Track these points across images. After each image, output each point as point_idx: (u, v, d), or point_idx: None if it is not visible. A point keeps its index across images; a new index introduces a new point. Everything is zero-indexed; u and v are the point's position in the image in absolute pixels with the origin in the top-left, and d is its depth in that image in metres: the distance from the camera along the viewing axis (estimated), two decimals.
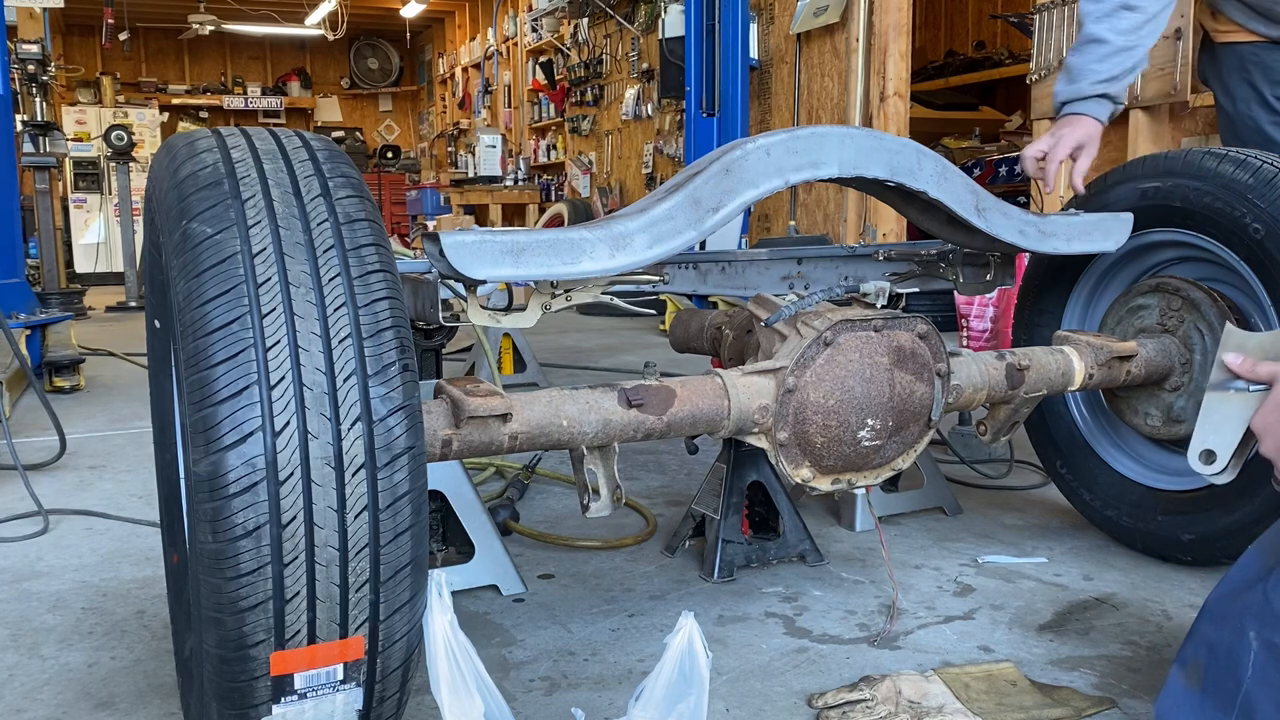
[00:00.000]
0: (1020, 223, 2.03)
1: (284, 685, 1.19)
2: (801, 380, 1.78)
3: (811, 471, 1.85)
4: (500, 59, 13.42)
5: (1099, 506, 2.43)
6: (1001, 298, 3.99)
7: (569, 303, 1.88)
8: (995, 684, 1.73)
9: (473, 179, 11.69)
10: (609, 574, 2.30)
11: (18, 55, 6.97)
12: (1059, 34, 4.72)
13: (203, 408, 1.12)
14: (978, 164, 6.75)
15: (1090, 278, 2.46)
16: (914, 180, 1.87)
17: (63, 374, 4.72)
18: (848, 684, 1.74)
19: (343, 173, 1.32)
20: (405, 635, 1.25)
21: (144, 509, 2.81)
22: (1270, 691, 1.16)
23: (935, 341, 1.91)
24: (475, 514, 2.20)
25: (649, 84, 9.23)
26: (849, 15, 6.24)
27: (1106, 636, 1.96)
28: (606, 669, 1.83)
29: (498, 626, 2.02)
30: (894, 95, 6.04)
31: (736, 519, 2.29)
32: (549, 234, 1.62)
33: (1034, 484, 3.01)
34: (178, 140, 1.35)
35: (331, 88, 18.59)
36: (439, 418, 1.55)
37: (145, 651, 1.93)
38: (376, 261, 1.24)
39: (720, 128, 6.89)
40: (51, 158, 7.33)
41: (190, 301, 1.16)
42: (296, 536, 1.14)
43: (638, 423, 1.69)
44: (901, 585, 2.20)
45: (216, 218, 1.21)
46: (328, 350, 1.17)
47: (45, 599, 2.19)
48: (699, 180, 1.73)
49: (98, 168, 11.68)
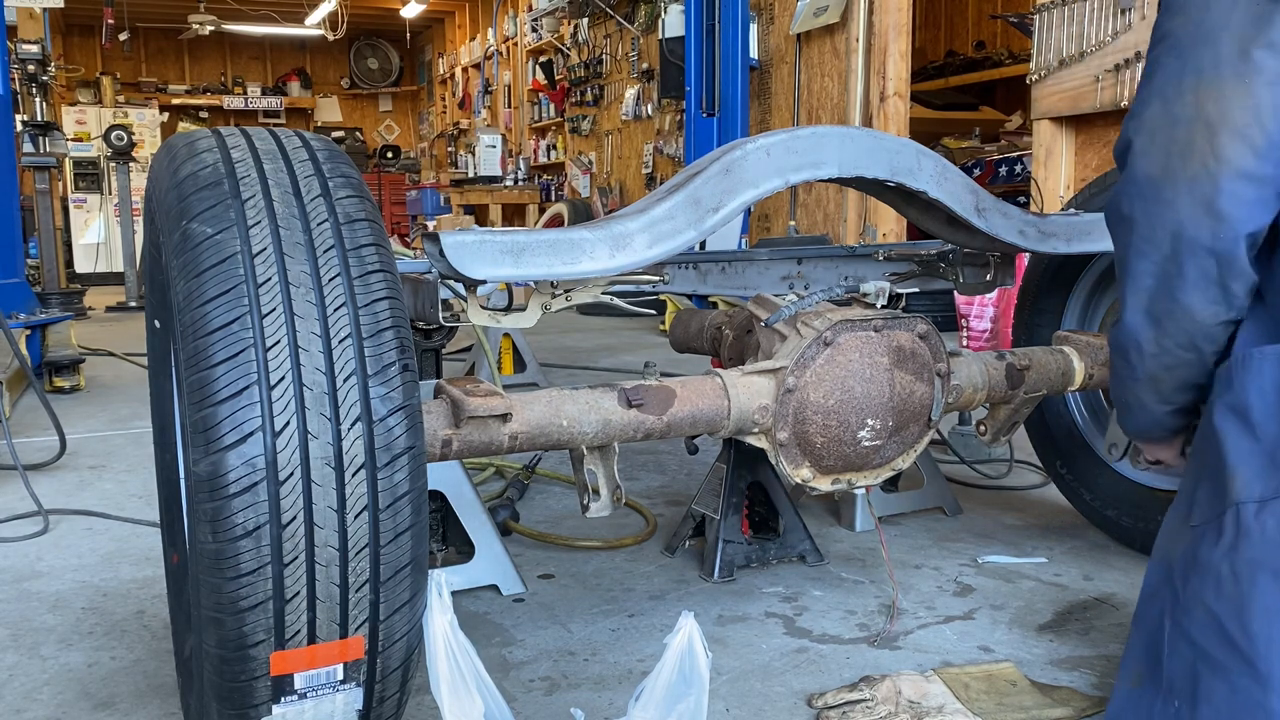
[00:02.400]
0: (1020, 223, 2.03)
1: (284, 685, 1.19)
2: (801, 380, 1.78)
3: (811, 471, 1.85)
4: (500, 59, 13.42)
5: (1099, 506, 2.43)
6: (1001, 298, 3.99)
7: (569, 303, 1.88)
8: (995, 684, 1.73)
9: (473, 179, 11.69)
10: (609, 574, 2.30)
11: (18, 55, 6.98)
12: (1059, 34, 4.73)
13: (203, 408, 1.12)
14: (978, 164, 6.75)
15: (1090, 278, 2.46)
16: (914, 180, 1.87)
17: (63, 374, 4.72)
18: (848, 684, 1.74)
19: (343, 173, 1.32)
20: (405, 635, 1.25)
21: (144, 509, 2.81)
22: (1180, 661, 1.31)
23: (935, 341, 1.91)
24: (475, 514, 2.20)
25: (649, 84, 9.23)
26: (849, 15, 6.24)
27: (1106, 636, 1.96)
28: (606, 669, 1.83)
29: (498, 626, 2.02)
30: (894, 95, 6.04)
31: (736, 519, 2.29)
32: (549, 234, 1.62)
33: (1034, 484, 3.01)
34: (178, 140, 1.35)
35: (331, 88, 18.59)
36: (439, 418, 1.55)
37: (145, 651, 1.93)
38: (376, 261, 1.24)
39: (720, 128, 6.89)
40: (51, 158, 7.33)
41: (190, 301, 1.16)
42: (296, 536, 1.14)
43: (638, 423, 1.68)
44: (901, 585, 2.20)
45: (216, 218, 1.21)
46: (328, 350, 1.17)
47: (45, 599, 2.19)
48: (699, 180, 1.73)
49: (98, 168, 11.68)
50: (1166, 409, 1.51)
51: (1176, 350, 1.40)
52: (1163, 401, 1.49)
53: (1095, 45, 4.54)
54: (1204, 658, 1.29)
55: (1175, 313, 1.37)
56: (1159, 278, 1.36)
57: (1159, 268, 1.36)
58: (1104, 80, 4.51)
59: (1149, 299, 1.38)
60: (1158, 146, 1.34)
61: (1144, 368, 1.45)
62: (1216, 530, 1.31)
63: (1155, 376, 1.46)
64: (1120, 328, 1.46)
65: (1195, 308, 1.35)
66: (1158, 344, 1.41)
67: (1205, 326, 1.36)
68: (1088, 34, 4.58)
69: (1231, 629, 1.26)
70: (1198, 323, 1.36)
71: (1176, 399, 1.48)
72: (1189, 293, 1.34)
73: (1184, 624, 1.32)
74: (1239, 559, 1.27)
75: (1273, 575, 1.24)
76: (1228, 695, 1.25)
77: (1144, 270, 1.37)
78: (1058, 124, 4.88)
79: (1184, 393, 1.47)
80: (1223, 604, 1.28)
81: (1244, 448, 1.30)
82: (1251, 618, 1.25)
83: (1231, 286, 1.32)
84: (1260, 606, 1.24)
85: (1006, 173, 6.53)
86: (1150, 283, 1.37)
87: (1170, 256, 1.34)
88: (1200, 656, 1.29)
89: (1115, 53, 4.45)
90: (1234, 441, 1.31)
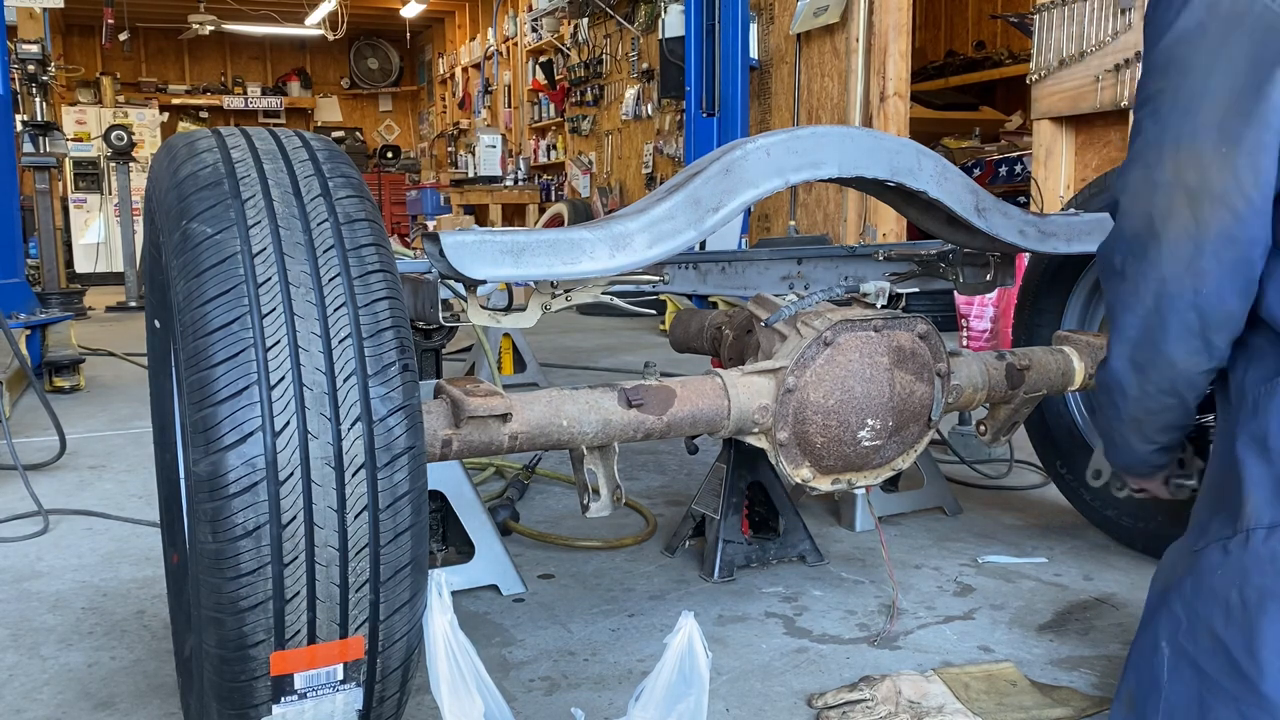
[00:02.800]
0: (1020, 223, 2.03)
1: (284, 685, 1.19)
2: (801, 380, 1.78)
3: (811, 471, 1.85)
4: (500, 59, 13.42)
5: (1099, 506, 2.43)
6: (1001, 298, 3.99)
7: (569, 303, 1.88)
8: (995, 684, 1.73)
9: (473, 179, 11.69)
10: (609, 574, 2.30)
11: (18, 55, 6.98)
12: (1059, 34, 4.73)
13: (203, 408, 1.12)
14: (978, 164, 6.75)
15: (1090, 278, 2.46)
16: (914, 180, 1.87)
17: (63, 374, 4.72)
18: (848, 684, 1.74)
19: (343, 173, 1.32)
20: (405, 635, 1.25)
21: (144, 509, 2.81)
22: (1182, 685, 1.31)
23: (935, 341, 1.91)
24: (475, 514, 2.20)
25: (649, 84, 9.23)
26: (849, 15, 6.24)
27: (1106, 636, 1.96)
28: (606, 669, 1.83)
29: (498, 626, 2.02)
30: (894, 95, 6.04)
31: (736, 519, 2.29)
32: (549, 234, 1.62)
33: (1034, 484, 3.01)
34: (178, 140, 1.35)
35: (331, 88, 18.59)
36: (439, 418, 1.55)
37: (145, 651, 1.93)
38: (376, 261, 1.24)
39: (720, 128, 6.89)
40: (51, 158, 7.33)
41: (190, 301, 1.16)
42: (296, 536, 1.14)
43: (638, 423, 1.68)
44: (901, 585, 2.20)
45: (216, 218, 1.21)
46: (328, 350, 1.17)
47: (45, 599, 2.19)
48: (699, 180, 1.73)
49: (98, 168, 11.68)
50: (1150, 448, 1.58)
51: (1159, 395, 1.47)
52: (1146, 441, 1.57)
53: (1095, 45, 4.54)
54: (1211, 687, 1.29)
55: (1158, 362, 1.43)
56: (1143, 330, 1.42)
57: (1143, 320, 1.42)
58: (1104, 80, 4.51)
59: (1133, 348, 1.45)
60: (1140, 209, 1.39)
61: (1128, 410, 1.53)
62: (1222, 553, 1.32)
63: (1138, 418, 1.53)
64: (1107, 370, 1.52)
65: (1177, 358, 1.41)
66: (1140, 389, 1.48)
67: (1187, 375, 1.43)
68: (1088, 34, 4.58)
69: (1240, 658, 1.26)
70: (1179, 371, 1.43)
71: (1159, 439, 1.56)
72: (1171, 344, 1.41)
73: (1189, 650, 1.32)
74: (1249, 586, 1.27)
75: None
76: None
77: (1130, 322, 1.44)
78: (1058, 124, 4.88)
79: (1166, 433, 1.55)
80: (1232, 632, 1.28)
81: (1259, 473, 1.32)
82: (1261, 646, 1.24)
83: (1213, 339, 1.38)
84: (1271, 635, 1.24)
85: (1006, 173, 6.53)
86: (1135, 334, 1.44)
87: (1154, 310, 1.40)
88: (1208, 686, 1.29)
89: (1115, 53, 4.45)
90: (1251, 469, 1.33)
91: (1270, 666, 1.23)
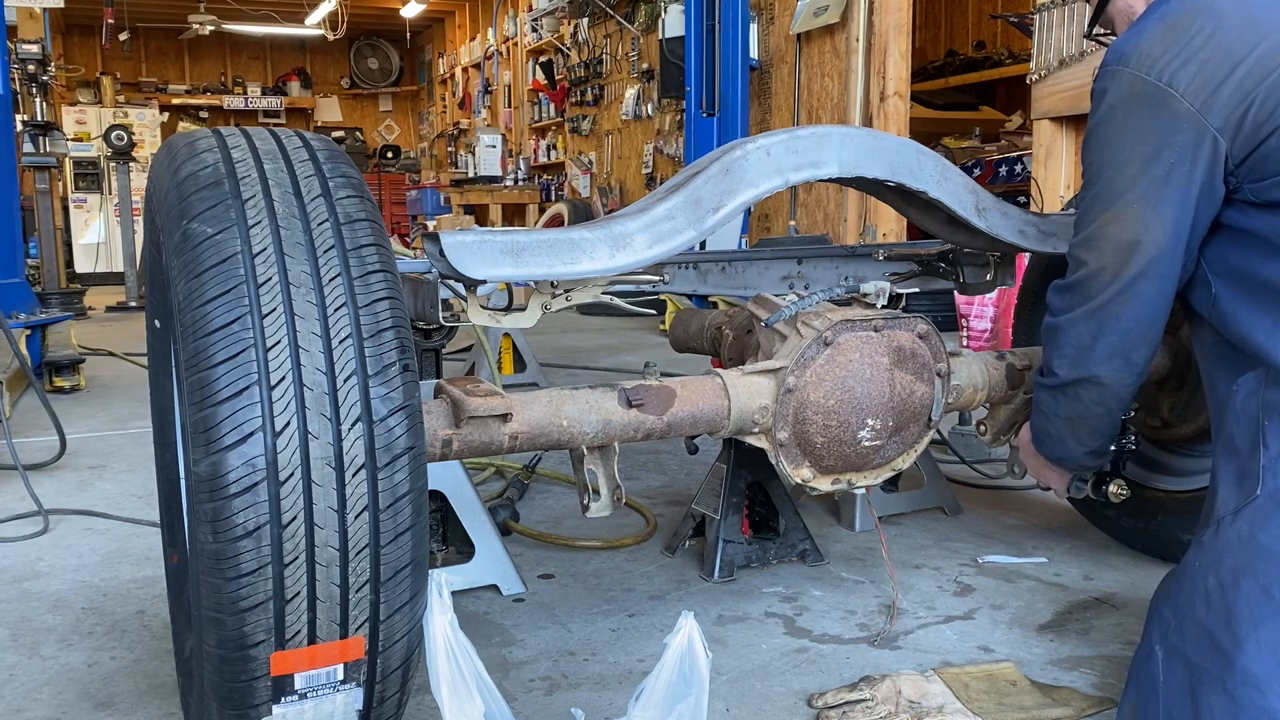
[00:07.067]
0: (1020, 222, 2.03)
1: (284, 685, 1.19)
2: (801, 380, 1.78)
3: (811, 471, 1.85)
4: (500, 59, 13.42)
5: (1099, 506, 2.43)
6: (1001, 298, 3.99)
7: (569, 303, 1.88)
8: (995, 684, 1.73)
9: (473, 179, 11.69)
10: (609, 574, 2.30)
11: (18, 55, 6.97)
12: (1059, 34, 4.73)
13: (203, 408, 1.12)
14: (978, 164, 6.75)
15: None
16: (914, 180, 1.87)
17: (63, 374, 4.72)
18: (848, 684, 1.74)
19: (343, 173, 1.32)
20: (405, 635, 1.25)
21: (144, 509, 2.81)
22: (1176, 681, 1.39)
23: (935, 341, 1.91)
24: (475, 514, 2.20)
25: (649, 84, 9.23)
26: (849, 15, 6.24)
27: (1106, 636, 1.96)
28: (606, 669, 1.83)
29: (498, 626, 2.02)
30: (894, 95, 6.04)
31: (736, 519, 2.29)
32: (549, 234, 1.62)
33: (1034, 484, 3.00)
34: (178, 140, 1.35)
35: (331, 88, 18.59)
36: (439, 418, 1.55)
37: (145, 651, 1.93)
38: (377, 261, 1.24)
39: (720, 128, 6.89)
40: (51, 158, 7.33)
41: (191, 301, 1.16)
42: (297, 537, 1.14)
43: (638, 423, 1.68)
44: (901, 585, 2.20)
45: (217, 218, 1.21)
46: (328, 350, 1.17)
47: (45, 599, 2.19)
48: (699, 180, 1.73)
49: (98, 168, 11.67)
50: (1082, 450, 1.81)
51: (1090, 405, 1.73)
52: (1078, 443, 1.80)
53: (1095, 45, 4.53)
54: (1200, 674, 1.34)
55: (1086, 380, 1.69)
56: (1077, 348, 1.68)
57: (1078, 340, 1.68)
58: None
59: (1070, 364, 1.70)
60: (1081, 255, 1.67)
61: (1060, 412, 1.77)
62: (1198, 547, 1.44)
63: (1071, 420, 1.77)
64: (1047, 375, 1.75)
65: (1103, 375, 1.67)
66: (1071, 399, 1.73)
67: (1111, 389, 1.69)
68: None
69: (1222, 638, 1.33)
70: (1104, 386, 1.69)
71: (1089, 443, 1.80)
72: (1099, 364, 1.67)
73: (1178, 645, 1.40)
74: (1223, 568, 1.37)
75: (1253, 578, 1.32)
76: (1229, 707, 1.29)
77: (1068, 340, 1.69)
78: (1058, 124, 4.88)
79: (1095, 439, 1.79)
80: (1213, 616, 1.35)
81: (1227, 469, 1.48)
82: (1239, 621, 1.31)
83: (1132, 356, 1.64)
84: (1246, 609, 1.31)
85: (1006, 173, 6.53)
86: (1071, 351, 1.69)
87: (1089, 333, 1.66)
88: (1197, 675, 1.35)
89: None
90: (1221, 466, 1.51)
91: (1247, 640, 1.30)
